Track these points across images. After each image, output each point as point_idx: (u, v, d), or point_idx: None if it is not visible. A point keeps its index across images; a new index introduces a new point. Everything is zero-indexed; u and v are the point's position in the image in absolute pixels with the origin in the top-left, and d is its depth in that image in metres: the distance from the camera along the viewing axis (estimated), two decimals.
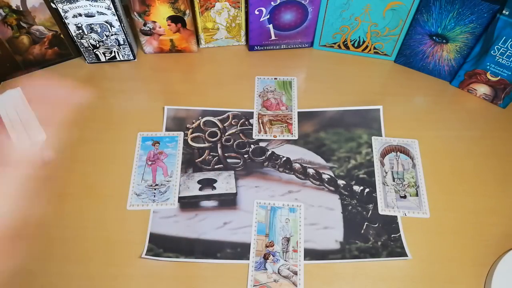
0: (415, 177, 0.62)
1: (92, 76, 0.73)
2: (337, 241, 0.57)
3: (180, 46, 0.74)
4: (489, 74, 0.66)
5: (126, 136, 0.65)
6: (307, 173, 0.62)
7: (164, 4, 0.66)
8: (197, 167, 0.63)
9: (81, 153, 0.64)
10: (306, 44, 0.76)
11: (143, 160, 0.63)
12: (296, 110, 0.68)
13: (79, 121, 0.67)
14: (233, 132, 0.66)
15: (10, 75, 0.71)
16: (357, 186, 0.61)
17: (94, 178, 0.61)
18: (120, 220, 0.58)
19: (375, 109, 0.68)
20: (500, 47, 0.61)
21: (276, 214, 0.59)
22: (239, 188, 0.61)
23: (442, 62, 0.70)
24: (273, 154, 0.64)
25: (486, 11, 0.59)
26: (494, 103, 0.70)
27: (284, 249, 0.56)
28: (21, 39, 0.67)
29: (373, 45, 0.73)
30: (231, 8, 0.69)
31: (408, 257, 0.55)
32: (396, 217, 0.59)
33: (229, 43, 0.76)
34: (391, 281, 0.54)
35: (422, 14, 0.64)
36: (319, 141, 0.65)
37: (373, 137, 0.65)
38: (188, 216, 0.58)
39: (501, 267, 0.54)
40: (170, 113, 0.68)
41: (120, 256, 0.55)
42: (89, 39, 0.69)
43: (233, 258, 0.55)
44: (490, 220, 0.59)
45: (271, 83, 0.72)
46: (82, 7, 0.63)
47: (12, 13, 0.63)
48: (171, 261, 0.55)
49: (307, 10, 0.69)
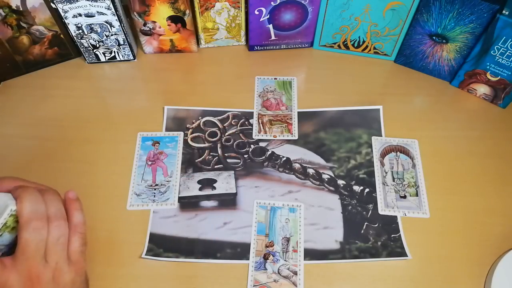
0: (415, 177, 0.62)
1: (92, 76, 0.73)
2: (337, 241, 0.57)
3: (180, 46, 0.74)
4: (489, 74, 0.66)
5: (126, 136, 0.65)
6: (307, 173, 0.62)
7: (164, 4, 0.66)
8: (197, 167, 0.63)
9: (81, 153, 0.64)
10: (306, 44, 0.76)
11: (143, 160, 0.63)
12: (296, 110, 0.68)
13: (79, 121, 0.67)
14: (233, 132, 0.66)
15: (10, 75, 0.71)
16: (357, 186, 0.61)
17: (94, 178, 0.61)
18: (120, 220, 0.58)
19: (375, 109, 0.68)
20: (500, 47, 0.61)
21: (276, 214, 0.59)
22: (239, 188, 0.61)
23: (442, 62, 0.70)
24: (273, 154, 0.64)
25: (486, 11, 0.59)
26: (494, 103, 0.70)
27: (284, 249, 0.56)
28: (21, 39, 0.67)
29: (373, 45, 0.73)
30: (231, 8, 0.69)
31: (408, 257, 0.55)
32: (396, 217, 0.59)
33: (229, 43, 0.76)
34: (391, 281, 0.54)
35: (422, 14, 0.64)
36: (319, 141, 0.65)
37: (373, 137, 0.65)
38: (188, 216, 0.58)
39: (501, 267, 0.54)
40: (170, 113, 0.68)
41: (120, 256, 0.55)
42: (89, 39, 0.69)
43: (233, 258, 0.55)
44: (490, 220, 0.59)
45: (271, 83, 0.72)
46: (82, 7, 0.63)
47: (12, 13, 0.63)
48: (171, 261, 0.55)
49: (307, 10, 0.69)
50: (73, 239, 0.45)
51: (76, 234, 0.45)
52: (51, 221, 0.42)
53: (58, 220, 0.43)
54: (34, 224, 0.41)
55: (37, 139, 0.65)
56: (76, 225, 0.46)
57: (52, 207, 0.43)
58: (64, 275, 0.43)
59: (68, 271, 0.44)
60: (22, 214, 0.41)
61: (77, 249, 0.45)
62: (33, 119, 0.67)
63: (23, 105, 0.69)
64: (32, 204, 0.41)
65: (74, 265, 0.44)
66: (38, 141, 0.65)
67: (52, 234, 0.42)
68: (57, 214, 0.43)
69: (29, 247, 0.41)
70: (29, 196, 0.42)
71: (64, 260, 0.43)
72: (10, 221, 0.42)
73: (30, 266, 0.41)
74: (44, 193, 0.44)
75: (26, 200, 0.41)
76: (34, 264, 0.41)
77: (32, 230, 0.41)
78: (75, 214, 0.46)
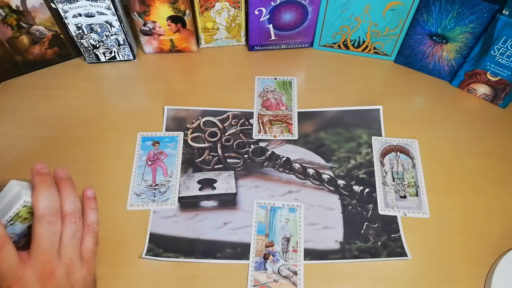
0: (415, 177, 0.62)
1: (92, 76, 0.73)
2: (337, 241, 0.57)
3: (180, 46, 0.74)
4: (489, 74, 0.66)
5: (126, 136, 0.65)
6: (307, 173, 0.62)
7: (164, 4, 0.66)
8: (197, 167, 0.63)
9: (81, 153, 0.64)
10: (306, 44, 0.76)
11: (143, 160, 0.63)
12: (296, 110, 0.68)
13: (79, 121, 0.67)
14: (233, 132, 0.66)
15: (10, 75, 0.71)
16: (357, 186, 0.61)
17: (94, 178, 0.61)
18: (120, 220, 0.58)
19: (375, 109, 0.68)
20: (500, 47, 0.61)
21: (276, 214, 0.59)
22: (239, 188, 0.61)
23: (442, 62, 0.70)
24: (273, 154, 0.64)
25: (486, 11, 0.59)
26: (494, 103, 0.70)
27: (284, 249, 0.56)
28: (21, 39, 0.67)
29: (373, 45, 0.73)
30: (231, 8, 0.69)
31: (408, 257, 0.55)
32: (396, 217, 0.59)
33: (229, 43, 0.76)
34: (391, 281, 0.54)
35: (422, 14, 0.64)
36: (319, 141, 0.65)
37: (373, 137, 0.65)
38: (188, 216, 0.58)
39: (501, 267, 0.54)
40: (170, 113, 0.68)
41: (120, 256, 0.55)
42: (89, 39, 0.69)
43: (233, 258, 0.55)
44: (490, 220, 0.59)
45: (271, 83, 0.72)
46: (82, 7, 0.63)
47: (12, 13, 0.63)
48: (171, 261, 0.55)
49: (307, 10, 0.69)
50: (86, 237, 0.45)
51: (89, 232, 0.46)
52: (66, 217, 0.43)
53: (73, 217, 0.43)
54: (48, 219, 0.41)
55: (37, 139, 0.65)
56: (90, 223, 0.46)
57: (68, 204, 0.43)
58: (76, 271, 0.43)
59: (81, 268, 0.44)
60: (37, 208, 0.41)
61: (90, 248, 0.45)
62: (33, 119, 0.67)
63: (23, 105, 0.69)
64: (48, 199, 0.42)
65: (86, 263, 0.45)
66: (38, 141, 0.65)
67: (66, 229, 0.43)
68: (73, 210, 0.43)
69: (43, 241, 0.41)
70: (45, 191, 0.42)
71: (77, 257, 0.44)
72: (23, 211, 0.42)
73: (45, 260, 0.41)
74: (61, 188, 0.44)
75: (42, 194, 0.41)
76: (48, 259, 0.41)
77: (46, 224, 0.41)
78: (90, 212, 0.46)
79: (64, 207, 0.43)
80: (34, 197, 0.41)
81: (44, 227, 0.41)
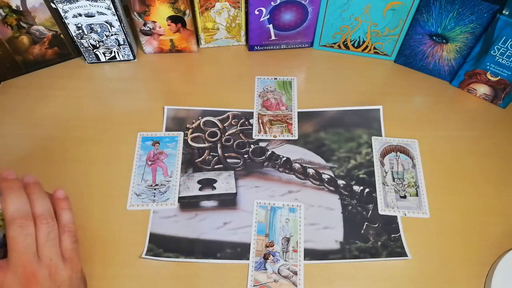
0: (415, 177, 0.62)
1: (92, 76, 0.73)
2: (337, 241, 0.57)
3: (180, 46, 0.74)
4: (489, 74, 0.66)
5: (126, 136, 0.65)
6: (307, 173, 0.62)
7: (164, 4, 0.66)
8: (197, 167, 0.63)
9: (81, 153, 0.64)
10: (306, 44, 0.76)
11: (143, 160, 0.63)
12: (296, 110, 0.68)
13: (79, 121, 0.67)
14: (233, 132, 0.66)
15: (10, 75, 0.71)
16: (357, 186, 0.61)
17: (94, 178, 0.61)
18: (120, 220, 0.58)
19: (375, 109, 0.68)
20: (500, 47, 0.61)
21: (276, 214, 0.59)
22: (239, 188, 0.61)
23: (442, 62, 0.70)
24: (273, 154, 0.64)
25: (486, 11, 0.59)
26: (494, 103, 0.70)
27: (284, 249, 0.56)
28: (21, 39, 0.67)
29: (373, 45, 0.73)
30: (231, 8, 0.69)
31: (408, 257, 0.55)
32: (396, 217, 0.59)
33: (229, 43, 0.76)
34: (391, 281, 0.54)
35: (422, 14, 0.64)
36: (319, 141, 0.65)
37: (373, 137, 0.65)
38: (188, 216, 0.58)
39: (501, 267, 0.54)
40: (170, 113, 0.68)
41: (120, 256, 0.55)
42: (89, 39, 0.69)
43: (233, 258, 0.55)
44: (490, 220, 0.59)
45: (271, 83, 0.72)
46: (82, 7, 0.63)
47: (12, 13, 0.63)
48: (171, 261, 0.55)
49: (307, 10, 0.69)
50: (62, 237, 0.45)
51: (65, 232, 0.45)
52: (37, 219, 0.43)
53: (44, 218, 0.43)
54: (19, 221, 0.41)
55: (37, 139, 0.65)
56: (64, 224, 0.46)
57: (38, 206, 0.44)
58: (60, 272, 0.43)
59: (64, 268, 0.44)
60: (6, 212, 0.41)
61: (69, 247, 0.45)
62: (33, 119, 0.67)
63: (23, 105, 0.69)
64: (15, 203, 0.42)
65: (69, 262, 0.45)
66: (38, 141, 0.65)
67: (40, 231, 0.43)
68: (43, 212, 0.44)
69: (17, 244, 0.41)
70: (13, 195, 0.42)
71: (58, 257, 0.44)
72: None
73: (24, 263, 0.41)
74: (30, 192, 0.44)
75: (9, 198, 0.42)
76: (27, 261, 0.41)
77: (18, 227, 0.41)
78: (63, 213, 0.46)
79: (34, 210, 0.43)
80: (2, 202, 0.41)
81: (15, 231, 0.41)
